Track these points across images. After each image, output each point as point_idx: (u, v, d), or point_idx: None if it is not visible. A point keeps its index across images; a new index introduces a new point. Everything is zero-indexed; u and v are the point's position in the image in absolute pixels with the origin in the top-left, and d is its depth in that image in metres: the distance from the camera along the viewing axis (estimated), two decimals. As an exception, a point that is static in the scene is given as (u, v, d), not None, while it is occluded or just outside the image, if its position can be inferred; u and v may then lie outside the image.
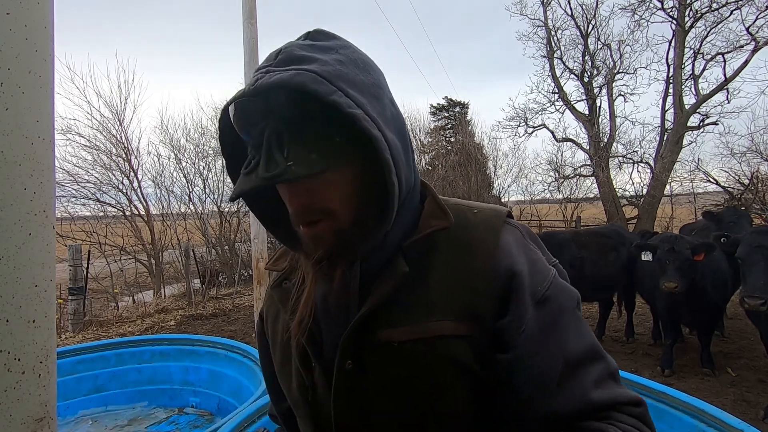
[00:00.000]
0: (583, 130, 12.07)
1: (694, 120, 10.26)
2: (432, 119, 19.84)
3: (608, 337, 4.56)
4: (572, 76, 11.97)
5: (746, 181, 9.02)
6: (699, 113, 10.15)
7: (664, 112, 10.68)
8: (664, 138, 10.65)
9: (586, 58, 11.61)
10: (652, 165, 10.84)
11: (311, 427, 0.65)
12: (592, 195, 12.75)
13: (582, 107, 12.06)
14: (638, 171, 11.33)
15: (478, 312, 0.56)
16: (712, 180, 9.93)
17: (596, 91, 11.75)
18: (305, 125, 0.52)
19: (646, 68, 11.04)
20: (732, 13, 9.18)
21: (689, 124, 10.26)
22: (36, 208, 0.60)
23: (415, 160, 0.63)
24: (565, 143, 12.62)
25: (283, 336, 0.68)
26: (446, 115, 19.96)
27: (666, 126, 10.69)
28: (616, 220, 10.08)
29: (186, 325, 5.53)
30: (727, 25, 9.47)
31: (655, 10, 10.29)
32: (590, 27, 11.37)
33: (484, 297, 0.56)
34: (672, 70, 10.34)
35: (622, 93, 11.52)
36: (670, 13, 10.07)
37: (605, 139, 11.63)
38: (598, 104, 11.85)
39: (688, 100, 10.29)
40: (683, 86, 10.26)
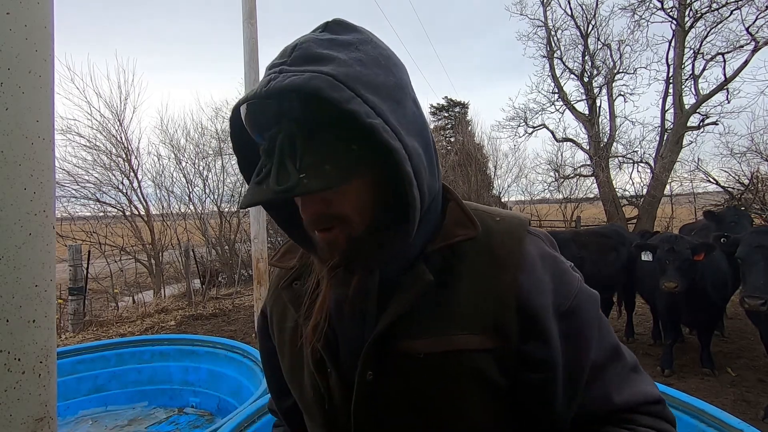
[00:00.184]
0: (583, 130, 12.08)
1: (694, 120, 10.26)
2: (432, 119, 19.86)
3: (608, 337, 4.55)
4: (572, 76, 11.98)
5: (746, 181, 9.02)
6: (699, 113, 10.15)
7: (664, 112, 10.69)
8: (664, 138, 10.65)
9: (586, 58, 11.62)
10: (652, 165, 10.84)
11: None
12: (592, 195, 12.76)
13: (582, 107, 12.08)
14: (638, 171, 11.35)
15: (505, 327, 0.55)
16: (712, 180, 9.93)
17: (596, 91, 11.75)
18: (320, 132, 0.49)
19: (646, 68, 11.06)
20: (732, 13, 9.19)
21: (689, 124, 10.26)
22: (36, 208, 0.60)
23: (439, 164, 0.61)
24: (565, 143, 12.63)
25: (293, 339, 0.66)
26: (446, 115, 19.98)
27: (666, 126, 10.69)
28: (616, 220, 10.08)
29: (186, 325, 5.52)
30: (727, 25, 9.48)
31: (655, 10, 10.30)
32: (590, 27, 11.38)
33: (511, 312, 0.55)
34: (672, 70, 10.34)
35: (622, 93, 11.53)
36: (670, 13, 10.07)
37: (605, 139, 11.63)
38: (598, 104, 11.86)
39: (688, 100, 10.31)
40: (683, 86, 10.26)
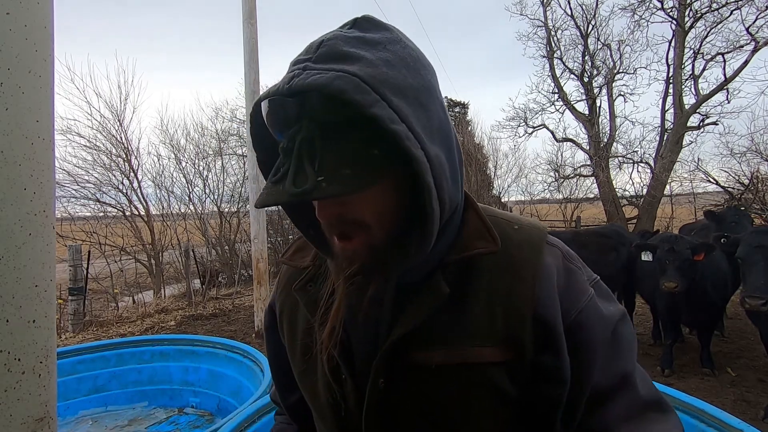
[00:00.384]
0: (583, 130, 12.07)
1: (694, 120, 10.26)
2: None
3: (608, 337, 4.55)
4: (572, 76, 11.96)
5: (746, 181, 9.02)
6: (699, 113, 10.14)
7: (664, 112, 10.68)
8: (664, 138, 10.64)
9: (586, 58, 11.61)
10: (652, 165, 10.84)
11: None
12: (592, 195, 12.74)
13: (582, 107, 12.06)
14: (638, 171, 11.34)
15: (520, 339, 0.54)
16: (712, 180, 9.93)
17: (596, 91, 11.74)
18: (342, 133, 0.48)
19: (646, 68, 11.04)
20: (732, 13, 9.18)
21: (689, 124, 10.25)
22: (36, 208, 0.60)
23: (463, 172, 0.59)
24: (565, 143, 12.62)
25: (306, 342, 0.66)
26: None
27: (666, 126, 10.68)
28: (616, 220, 10.08)
29: (186, 325, 5.52)
30: (727, 25, 9.47)
31: (655, 10, 10.29)
32: (590, 27, 11.37)
33: (527, 325, 0.54)
34: (672, 70, 10.34)
35: (622, 93, 11.52)
36: (670, 13, 10.07)
37: (605, 139, 11.62)
38: (598, 104, 11.84)
39: (688, 100, 10.30)
40: (683, 86, 10.26)
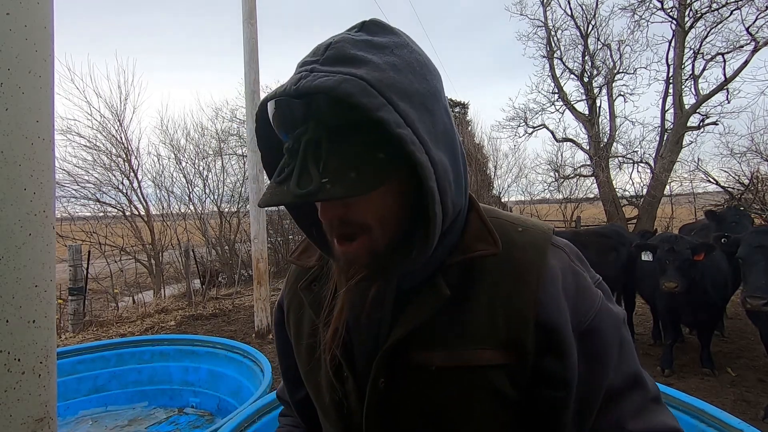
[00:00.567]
0: (583, 130, 12.07)
1: (694, 120, 10.25)
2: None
3: (608, 337, 4.55)
4: (572, 76, 11.96)
5: (746, 181, 9.02)
6: (699, 113, 10.14)
7: (664, 112, 10.68)
8: (664, 138, 10.64)
9: (586, 58, 11.61)
10: (652, 165, 10.84)
11: None
12: (592, 195, 12.74)
13: (582, 107, 12.06)
14: (638, 171, 11.34)
15: (522, 342, 0.54)
16: (712, 180, 9.93)
17: (596, 91, 11.74)
18: (347, 136, 0.48)
19: (646, 68, 11.04)
20: (732, 13, 9.17)
21: (689, 124, 10.25)
22: (36, 208, 0.60)
23: (467, 176, 0.59)
24: (565, 143, 12.62)
25: (311, 341, 0.67)
26: (446, 115, 19.96)
27: (666, 126, 10.68)
28: (616, 220, 10.08)
29: (186, 325, 5.52)
30: (727, 26, 9.47)
31: (655, 10, 10.29)
32: (590, 27, 11.37)
33: (529, 328, 0.54)
34: (672, 70, 10.34)
35: (622, 93, 11.52)
36: (670, 14, 10.07)
37: (605, 139, 11.62)
38: (598, 104, 11.84)
39: (688, 100, 10.30)
40: (683, 86, 10.26)
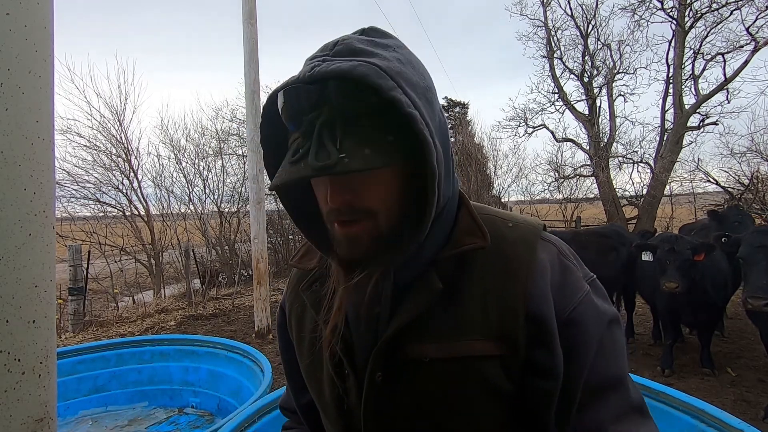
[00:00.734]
0: (583, 130, 12.07)
1: (694, 120, 10.25)
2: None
3: (608, 337, 4.55)
4: (572, 76, 11.96)
5: (746, 181, 9.02)
6: (699, 113, 10.14)
7: (664, 112, 10.68)
8: (664, 138, 10.64)
9: (586, 58, 11.61)
10: (652, 165, 10.84)
11: None
12: (592, 195, 12.74)
13: (582, 107, 12.06)
14: (638, 171, 11.33)
15: (513, 334, 0.55)
16: (712, 180, 9.93)
17: (596, 91, 11.74)
18: (358, 120, 0.50)
19: (646, 68, 11.03)
20: (732, 13, 9.17)
21: (689, 124, 10.25)
22: (36, 208, 0.60)
23: (455, 173, 0.62)
24: (565, 143, 12.61)
25: (312, 340, 0.67)
26: (446, 115, 19.98)
27: (666, 126, 10.68)
28: (616, 220, 10.08)
29: (186, 325, 5.52)
30: (727, 25, 9.46)
31: (655, 10, 10.29)
32: (590, 27, 11.37)
33: (519, 320, 0.55)
34: (672, 70, 10.33)
35: (622, 93, 11.52)
36: (670, 14, 10.07)
37: (605, 139, 11.62)
38: (598, 104, 11.84)
39: (688, 100, 10.30)
40: (683, 86, 10.26)
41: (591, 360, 0.56)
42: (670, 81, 10.40)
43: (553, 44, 11.92)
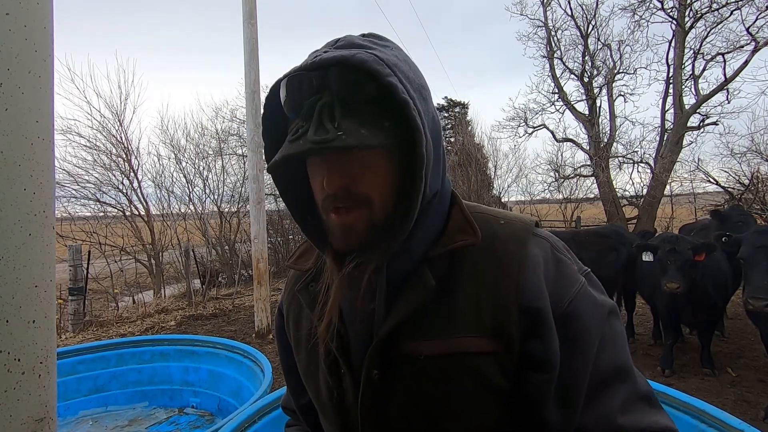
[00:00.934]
0: (583, 130, 12.07)
1: (694, 120, 10.26)
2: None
3: (608, 337, 4.56)
4: (572, 76, 11.97)
5: (746, 182, 9.02)
6: (699, 113, 10.15)
7: (664, 112, 10.68)
8: (664, 138, 10.64)
9: (586, 58, 11.62)
10: (652, 165, 10.84)
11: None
12: (592, 195, 12.75)
13: (582, 107, 12.07)
14: (638, 171, 11.35)
15: (506, 330, 0.55)
16: (712, 180, 9.94)
17: (596, 91, 11.74)
18: (357, 105, 0.53)
19: (646, 68, 11.06)
20: (732, 13, 9.18)
21: (689, 124, 10.25)
22: (36, 208, 0.60)
23: (446, 169, 0.63)
24: (565, 143, 12.62)
25: (309, 339, 0.68)
26: (446, 115, 19.96)
27: (666, 126, 10.68)
28: (616, 221, 10.08)
29: (186, 325, 5.52)
30: (727, 26, 9.48)
31: (655, 10, 10.30)
32: (590, 27, 11.38)
33: (512, 316, 0.55)
34: (672, 70, 10.34)
35: (622, 93, 11.53)
36: (670, 14, 10.07)
37: (605, 139, 11.62)
38: (598, 104, 11.85)
39: (688, 100, 10.30)
40: (683, 86, 10.26)
41: (595, 353, 0.56)
42: (670, 81, 10.40)
43: (553, 44, 11.93)
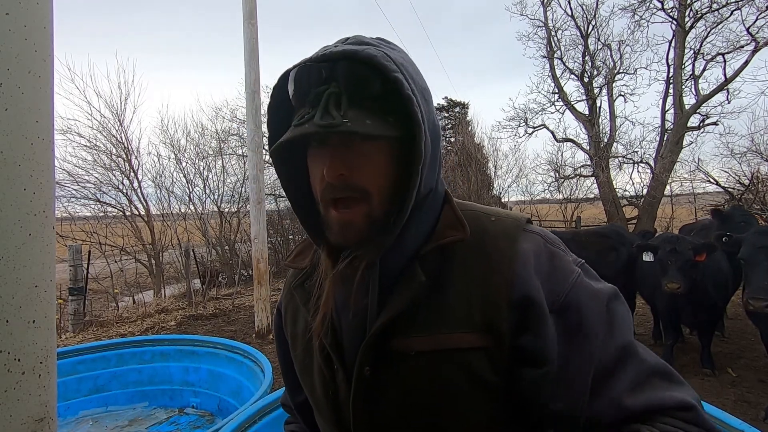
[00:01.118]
0: (583, 130, 12.08)
1: (694, 120, 10.26)
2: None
3: (608, 337, 4.55)
4: (572, 76, 11.98)
5: (746, 182, 9.02)
6: (699, 113, 10.15)
7: (664, 112, 10.69)
8: (664, 138, 10.64)
9: (586, 58, 11.62)
10: (652, 165, 10.84)
11: (335, 429, 0.65)
12: (592, 195, 12.76)
13: (582, 107, 12.07)
14: (638, 171, 11.36)
15: (496, 326, 0.55)
16: (713, 180, 9.94)
17: (596, 91, 11.75)
18: (362, 100, 0.54)
19: (646, 68, 11.08)
20: (732, 13, 9.19)
21: (689, 124, 10.26)
22: (36, 208, 0.60)
23: (441, 169, 0.65)
24: (565, 143, 12.63)
25: (305, 335, 0.68)
26: (446, 115, 19.96)
27: (666, 126, 10.69)
28: (617, 221, 10.08)
29: (186, 325, 5.52)
30: (727, 26, 9.49)
31: (655, 10, 10.30)
32: (590, 27, 11.38)
33: (503, 311, 0.55)
34: (672, 70, 10.34)
35: (622, 93, 11.53)
36: (671, 14, 10.08)
37: (605, 140, 11.63)
38: (598, 104, 11.85)
39: (688, 100, 10.31)
40: (683, 86, 10.26)
41: (598, 343, 0.55)
42: (671, 81, 10.41)
43: (554, 44, 11.93)
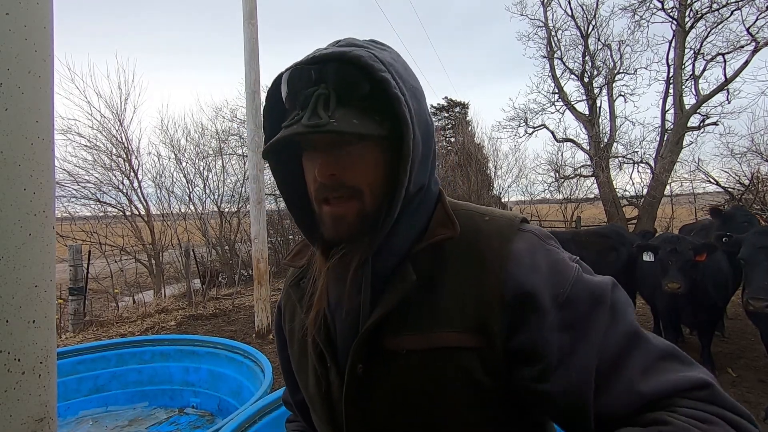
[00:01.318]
0: (584, 130, 12.07)
1: (694, 120, 10.26)
2: (432, 119, 19.81)
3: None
4: (572, 76, 11.97)
5: (746, 182, 9.02)
6: (699, 113, 10.15)
7: (664, 112, 10.68)
8: (665, 138, 10.64)
9: (587, 58, 11.62)
10: (652, 165, 10.84)
11: (328, 427, 0.65)
12: (592, 195, 12.76)
13: (582, 107, 12.07)
14: (638, 171, 11.35)
15: (488, 326, 0.55)
16: (713, 180, 9.93)
17: (596, 91, 11.75)
18: (350, 100, 0.55)
19: (646, 68, 11.08)
20: (732, 13, 9.19)
21: (689, 124, 10.25)
22: (36, 208, 0.60)
23: (435, 168, 0.65)
24: (565, 143, 12.62)
25: (300, 334, 0.69)
26: (446, 115, 19.96)
27: (666, 126, 10.68)
28: (617, 221, 10.08)
29: (186, 325, 5.52)
30: (727, 26, 9.49)
31: (655, 10, 10.30)
32: (590, 27, 11.38)
33: (495, 311, 0.55)
34: (672, 70, 10.34)
35: (623, 93, 11.53)
36: (671, 14, 10.07)
37: (605, 140, 11.63)
38: (599, 104, 11.85)
39: (689, 100, 10.30)
40: (683, 86, 10.26)
41: (601, 336, 0.53)
42: (671, 81, 10.40)
43: (554, 44, 11.93)
